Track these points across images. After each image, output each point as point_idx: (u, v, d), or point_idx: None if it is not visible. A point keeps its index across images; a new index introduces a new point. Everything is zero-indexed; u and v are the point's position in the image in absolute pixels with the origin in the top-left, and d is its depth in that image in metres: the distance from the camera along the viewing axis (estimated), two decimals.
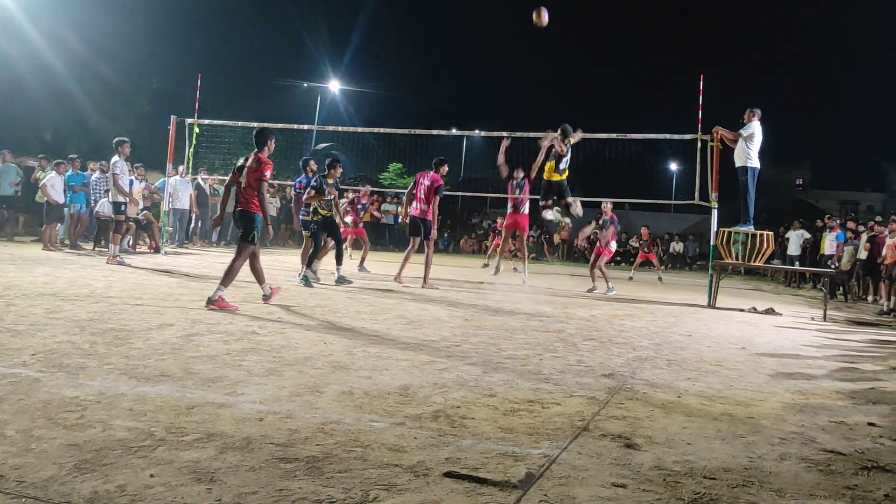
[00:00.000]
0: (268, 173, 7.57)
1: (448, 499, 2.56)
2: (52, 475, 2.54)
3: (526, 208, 13.47)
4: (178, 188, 17.17)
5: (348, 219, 14.97)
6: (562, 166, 11.48)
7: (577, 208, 11.78)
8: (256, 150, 7.71)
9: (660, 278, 18.87)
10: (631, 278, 18.07)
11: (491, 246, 16.82)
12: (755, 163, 11.03)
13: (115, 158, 12.07)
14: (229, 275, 7.38)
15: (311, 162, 11.76)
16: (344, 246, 11.75)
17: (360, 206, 16.18)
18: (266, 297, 7.82)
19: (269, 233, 7.64)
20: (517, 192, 13.23)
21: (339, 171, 10.82)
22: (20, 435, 2.93)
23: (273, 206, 22.52)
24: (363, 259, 14.26)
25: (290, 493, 2.52)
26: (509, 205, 13.57)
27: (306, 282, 10.04)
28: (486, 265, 17.15)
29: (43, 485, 2.45)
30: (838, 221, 19.01)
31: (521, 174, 13.19)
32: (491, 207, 33.67)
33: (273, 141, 7.91)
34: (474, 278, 14.36)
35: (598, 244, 13.95)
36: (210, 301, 7.09)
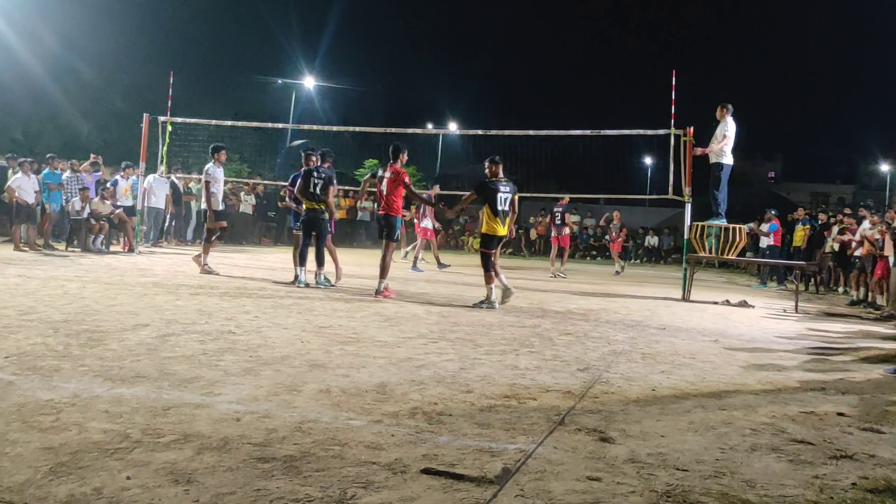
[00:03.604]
0: (406, 180, 9.33)
1: (425, 495, 2.58)
2: (27, 479, 2.53)
3: (566, 230, 16.26)
4: (154, 187, 16.98)
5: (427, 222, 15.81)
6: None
7: None
8: (392, 161, 9.30)
9: (616, 272, 18.71)
10: (618, 272, 18.14)
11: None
12: (729, 159, 11.17)
13: (209, 165, 11.41)
14: (384, 269, 9.17)
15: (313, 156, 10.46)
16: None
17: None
18: (378, 293, 9.08)
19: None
20: (558, 218, 15.97)
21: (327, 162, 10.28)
22: None
23: (248, 203, 22.40)
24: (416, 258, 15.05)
25: (267, 492, 2.53)
26: None
27: (326, 283, 9.93)
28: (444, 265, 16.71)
29: (18, 489, 2.44)
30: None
31: (566, 201, 16.48)
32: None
33: (406, 154, 9.47)
34: (446, 276, 14.40)
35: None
36: (377, 292, 9.04)
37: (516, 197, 9.19)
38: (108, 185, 16.39)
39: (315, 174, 9.94)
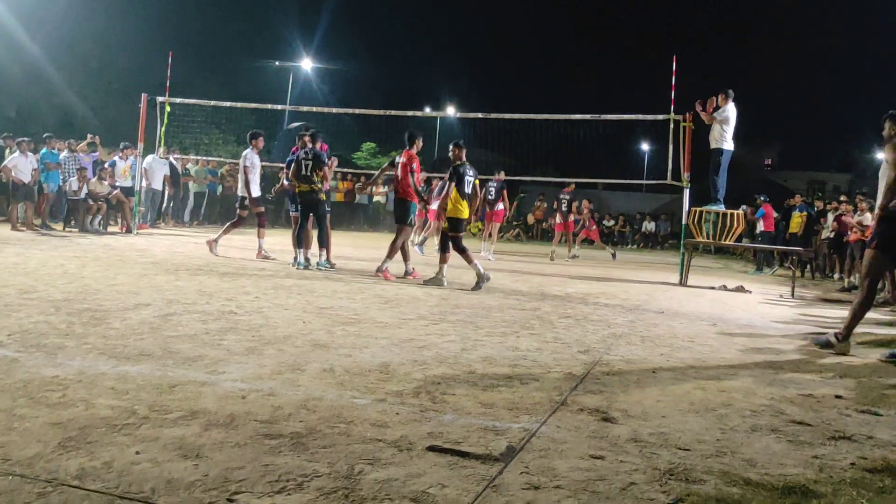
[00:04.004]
0: (415, 166, 9.47)
1: (432, 472, 2.61)
2: (37, 453, 2.55)
3: (499, 206, 16.02)
4: (153, 168, 16.89)
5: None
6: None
7: None
8: (407, 147, 9.52)
9: (613, 255, 18.58)
10: (575, 255, 17.43)
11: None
12: (730, 145, 11.15)
13: (247, 151, 11.30)
14: (392, 250, 9.36)
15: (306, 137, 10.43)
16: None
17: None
18: (379, 270, 9.23)
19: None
20: (491, 193, 15.61)
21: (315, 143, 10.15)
22: (2, 414, 2.93)
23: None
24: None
25: (276, 467, 2.55)
26: (486, 205, 15.95)
27: (326, 265, 9.94)
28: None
29: (28, 462, 2.46)
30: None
31: (497, 178, 15.80)
32: None
33: (420, 140, 9.72)
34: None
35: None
36: (378, 270, 9.22)
37: (477, 181, 9.52)
38: (106, 165, 16.32)
39: (305, 156, 9.94)
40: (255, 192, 11.34)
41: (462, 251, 8.96)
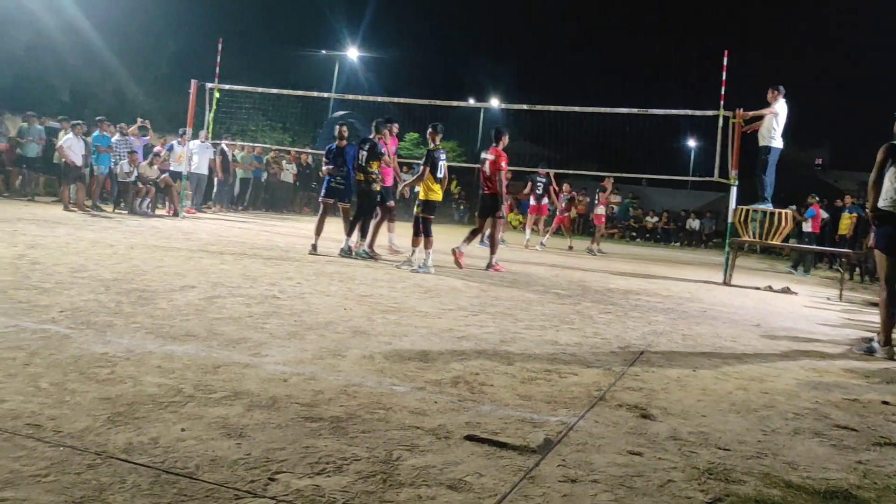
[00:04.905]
0: (503, 164, 9.86)
1: (469, 461, 2.63)
2: (87, 426, 2.63)
3: (545, 200, 16.70)
4: (197, 153, 17.15)
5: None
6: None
7: None
8: (494, 144, 9.92)
9: (591, 250, 17.02)
10: (542, 244, 16.70)
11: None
12: (779, 143, 10.93)
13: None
14: (493, 245, 10.08)
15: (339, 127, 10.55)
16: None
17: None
18: (490, 266, 9.82)
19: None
20: (539, 188, 16.47)
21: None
22: (54, 388, 3.03)
23: (289, 172, 22.58)
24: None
25: (316, 450, 2.60)
26: (531, 198, 16.81)
27: (365, 255, 9.95)
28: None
29: (79, 435, 2.54)
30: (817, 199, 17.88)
31: (544, 173, 16.46)
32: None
33: (506, 136, 10.02)
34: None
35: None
36: (489, 266, 9.81)
37: (446, 164, 9.75)
38: (164, 148, 16.65)
39: (362, 146, 10.03)
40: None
41: (427, 235, 9.19)
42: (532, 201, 16.87)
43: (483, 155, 10.29)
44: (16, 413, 2.70)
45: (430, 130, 9.58)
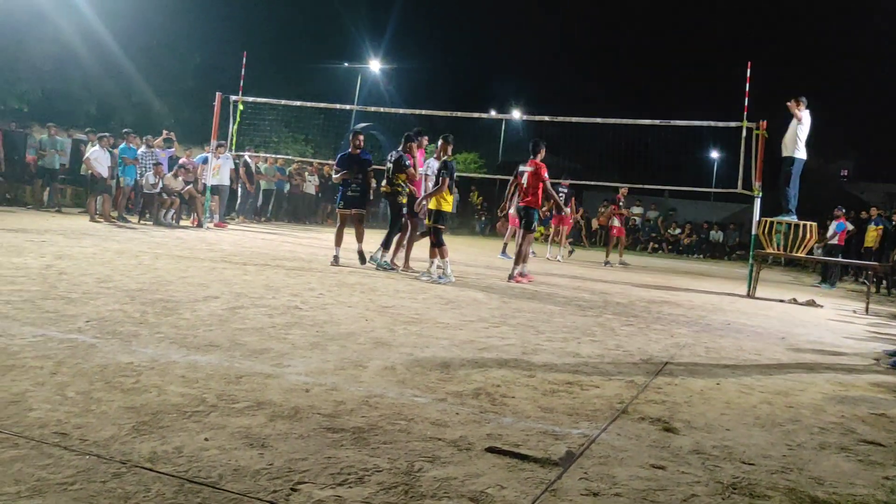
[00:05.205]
0: (545, 175, 9.77)
1: (490, 473, 2.63)
2: (112, 435, 2.66)
3: (567, 211, 16.69)
4: (220, 164, 17.31)
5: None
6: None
7: None
8: (532, 157, 9.88)
9: (568, 251, 17.62)
10: (569, 251, 17.22)
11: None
12: (802, 154, 10.85)
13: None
14: (519, 256, 10.01)
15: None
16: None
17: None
18: (511, 277, 9.78)
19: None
20: (562, 198, 15.60)
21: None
22: (80, 397, 3.07)
23: (311, 183, 22.74)
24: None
25: (337, 460, 2.60)
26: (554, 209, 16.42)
27: (387, 265, 9.94)
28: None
29: (104, 443, 2.57)
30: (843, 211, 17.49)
31: (566, 184, 16.58)
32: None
33: (544, 149, 9.95)
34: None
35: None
36: (510, 277, 9.79)
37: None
38: (197, 162, 16.81)
39: (390, 158, 10.11)
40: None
41: (440, 245, 9.16)
42: (557, 212, 16.77)
43: (521, 167, 10.19)
44: (43, 421, 2.74)
45: (441, 142, 9.58)
